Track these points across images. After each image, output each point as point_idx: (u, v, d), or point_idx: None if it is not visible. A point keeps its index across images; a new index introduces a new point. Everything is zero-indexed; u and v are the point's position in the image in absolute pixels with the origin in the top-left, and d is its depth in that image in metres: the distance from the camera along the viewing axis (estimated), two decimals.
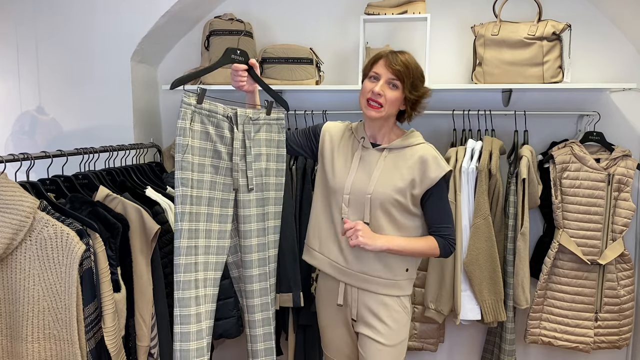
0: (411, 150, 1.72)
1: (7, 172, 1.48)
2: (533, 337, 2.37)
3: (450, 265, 2.27)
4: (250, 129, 1.71)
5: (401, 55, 1.66)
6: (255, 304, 1.79)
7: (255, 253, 1.76)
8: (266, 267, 1.78)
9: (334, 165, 1.78)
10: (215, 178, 1.65)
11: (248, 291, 1.78)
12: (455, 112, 2.44)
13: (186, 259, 1.58)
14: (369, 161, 1.74)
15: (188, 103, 1.57)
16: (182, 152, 1.57)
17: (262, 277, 1.78)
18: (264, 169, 1.77)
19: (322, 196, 1.82)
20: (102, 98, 2.48)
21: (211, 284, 1.67)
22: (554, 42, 2.25)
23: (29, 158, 1.61)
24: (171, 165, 2.59)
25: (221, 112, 1.65)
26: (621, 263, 2.30)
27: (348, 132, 1.83)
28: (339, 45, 2.63)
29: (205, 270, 1.65)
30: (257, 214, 1.75)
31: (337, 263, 1.75)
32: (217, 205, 1.66)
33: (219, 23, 2.45)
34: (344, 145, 1.80)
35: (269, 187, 1.79)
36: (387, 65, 1.64)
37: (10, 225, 1.38)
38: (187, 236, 1.58)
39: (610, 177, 2.26)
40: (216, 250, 1.67)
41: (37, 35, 2.48)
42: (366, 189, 1.70)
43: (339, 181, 1.75)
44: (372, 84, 1.67)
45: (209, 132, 1.63)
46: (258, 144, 1.75)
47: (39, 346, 1.44)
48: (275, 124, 1.80)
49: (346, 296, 1.78)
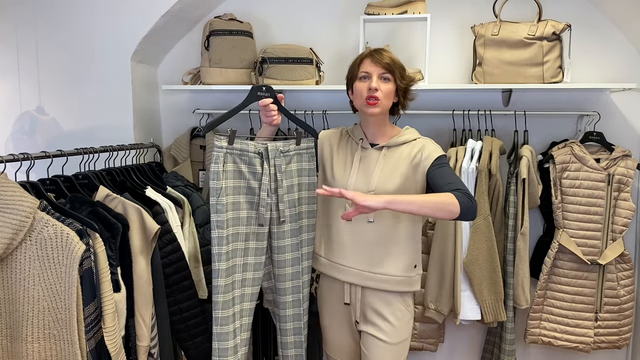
0: (408, 146, 1.76)
1: (7, 172, 1.48)
2: (533, 337, 2.37)
3: (450, 265, 2.27)
4: (281, 161, 1.75)
5: (382, 51, 1.71)
6: (287, 327, 1.84)
7: (289, 281, 1.81)
8: (300, 293, 1.83)
9: (334, 169, 1.81)
10: (250, 213, 1.72)
11: (281, 316, 1.84)
12: (455, 112, 2.44)
13: (224, 297, 1.67)
14: (369, 160, 1.77)
15: (220, 146, 1.64)
16: (217, 196, 1.63)
17: (296, 304, 1.83)
18: (297, 199, 1.81)
19: (325, 202, 1.84)
20: (102, 98, 2.48)
21: (247, 314, 1.76)
22: (554, 42, 2.25)
23: (29, 158, 1.61)
24: (171, 165, 2.59)
25: (252, 149, 1.71)
26: (621, 263, 2.30)
27: (345, 135, 1.87)
28: (339, 45, 2.63)
29: (242, 302, 1.74)
30: (291, 244, 1.80)
31: (345, 265, 1.77)
32: (254, 239, 1.74)
33: (219, 23, 2.45)
34: (343, 148, 1.84)
35: (302, 215, 1.84)
36: (375, 62, 1.68)
37: (10, 225, 1.38)
38: (224, 275, 1.66)
39: (610, 177, 2.26)
40: (252, 282, 1.76)
41: (37, 36, 2.48)
42: (368, 187, 1.73)
43: (340, 183, 1.77)
44: (365, 83, 1.70)
45: (242, 170, 1.70)
46: (290, 175, 1.80)
47: (39, 346, 1.44)
48: (305, 153, 1.85)
49: (350, 296, 1.79)
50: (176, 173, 2.36)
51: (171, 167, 2.58)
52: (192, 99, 2.75)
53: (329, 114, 2.52)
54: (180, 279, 1.91)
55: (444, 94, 2.55)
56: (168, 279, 1.88)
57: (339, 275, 1.78)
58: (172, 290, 1.89)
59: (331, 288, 1.84)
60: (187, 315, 1.93)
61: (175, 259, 1.90)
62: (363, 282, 1.75)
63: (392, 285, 1.75)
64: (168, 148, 2.63)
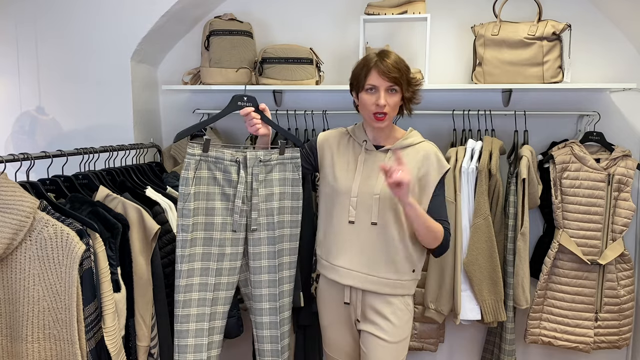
0: (414, 149, 1.76)
1: (7, 172, 1.48)
2: (533, 337, 2.37)
3: (450, 265, 2.27)
4: (259, 170, 1.76)
5: (389, 60, 1.66)
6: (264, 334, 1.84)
7: (265, 288, 1.81)
8: (276, 302, 1.82)
9: (335, 170, 1.79)
10: (226, 220, 1.74)
11: (257, 323, 1.84)
12: (455, 112, 2.44)
13: (184, 296, 1.70)
14: (373, 163, 1.75)
15: (192, 154, 1.68)
16: (184, 201, 1.67)
17: (272, 312, 1.83)
18: (277, 207, 1.81)
19: (327, 204, 1.82)
20: (102, 98, 2.48)
21: (220, 317, 1.77)
22: (554, 42, 2.25)
23: (29, 158, 1.61)
24: (171, 165, 2.59)
25: (228, 157, 1.73)
26: (621, 263, 2.30)
27: (345, 136, 1.85)
28: (339, 45, 2.63)
29: (215, 305, 1.75)
30: (267, 251, 1.80)
31: (345, 268, 1.76)
32: (229, 244, 1.75)
33: (219, 23, 2.45)
34: (344, 150, 1.82)
35: (283, 224, 1.83)
36: (382, 74, 1.64)
37: (10, 225, 1.38)
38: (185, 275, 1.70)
39: (610, 177, 2.26)
40: (226, 287, 1.77)
41: (37, 36, 2.48)
42: (373, 189, 1.71)
43: (344, 185, 1.75)
44: (372, 97, 1.68)
45: (217, 177, 1.72)
46: (270, 184, 1.80)
47: (39, 346, 1.44)
48: (290, 162, 1.83)
49: (350, 296, 1.79)
50: (176, 173, 2.36)
51: (171, 167, 2.58)
52: (192, 99, 2.75)
53: (329, 114, 2.52)
54: None
55: (444, 94, 2.55)
56: (168, 279, 1.88)
57: (339, 279, 1.77)
58: (172, 290, 1.89)
59: (331, 288, 1.83)
60: None
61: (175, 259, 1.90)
62: (363, 285, 1.74)
63: (391, 289, 1.74)
64: (168, 148, 2.63)
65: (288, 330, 1.89)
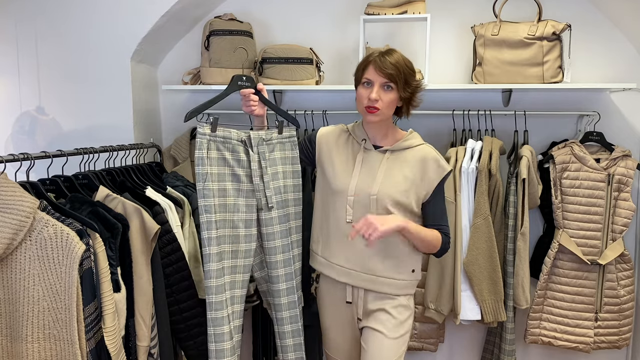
0: (412, 152, 1.75)
1: (7, 172, 1.48)
2: (533, 337, 2.37)
3: (450, 265, 2.27)
4: (264, 149, 1.77)
5: (389, 57, 1.65)
6: (284, 316, 1.85)
7: (281, 269, 1.82)
8: (293, 280, 1.84)
9: (334, 167, 1.79)
10: (237, 201, 1.73)
11: (277, 304, 1.84)
12: (455, 112, 2.44)
13: (217, 281, 1.67)
14: (371, 162, 1.75)
15: (203, 133, 1.66)
16: (203, 181, 1.66)
17: (290, 291, 1.84)
18: (282, 186, 1.83)
19: (323, 201, 1.83)
20: (102, 98, 2.48)
21: (239, 300, 1.76)
22: (554, 42, 2.25)
23: (29, 158, 1.61)
24: (171, 165, 2.59)
25: (235, 137, 1.72)
26: (621, 263, 2.30)
27: (345, 134, 1.84)
28: (339, 45, 2.63)
29: (233, 289, 1.74)
30: (280, 230, 1.81)
31: (342, 266, 1.76)
32: (242, 226, 1.75)
33: (219, 23, 2.45)
34: (343, 147, 1.81)
35: (288, 203, 1.85)
36: (378, 70, 1.65)
37: (10, 225, 1.38)
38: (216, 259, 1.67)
39: (610, 177, 2.26)
40: (243, 270, 1.77)
41: (37, 35, 2.48)
42: (370, 190, 1.71)
43: (341, 183, 1.75)
44: (366, 91, 1.68)
45: (226, 157, 1.71)
46: (274, 163, 1.81)
47: (39, 346, 1.44)
48: (288, 141, 1.86)
49: (352, 294, 1.79)
50: (176, 173, 2.36)
51: (171, 167, 2.58)
52: (192, 99, 2.75)
53: (329, 114, 2.52)
54: (180, 279, 1.91)
55: (444, 94, 2.55)
56: (168, 279, 1.88)
57: (336, 276, 1.77)
58: (172, 290, 1.89)
59: (332, 288, 1.82)
60: (187, 315, 1.93)
61: (175, 259, 1.90)
62: (360, 284, 1.75)
63: (390, 288, 1.74)
64: (168, 148, 2.63)
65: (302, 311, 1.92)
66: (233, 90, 1.79)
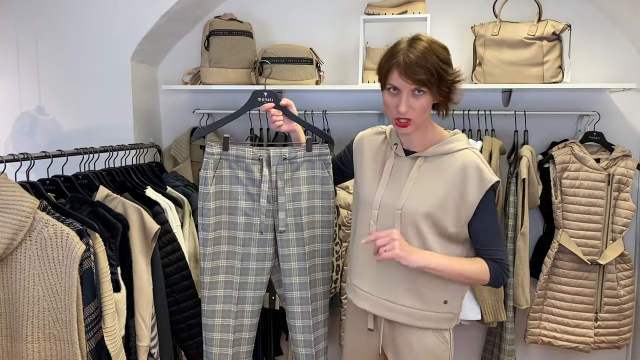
0: (451, 158, 1.44)
1: (7, 172, 1.48)
2: (533, 337, 2.37)
3: None
4: (284, 168, 1.70)
5: (416, 54, 1.36)
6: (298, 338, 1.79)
7: (296, 291, 1.76)
8: (308, 305, 1.75)
9: (362, 175, 1.58)
10: (250, 220, 1.72)
11: (291, 325, 1.81)
12: (455, 112, 2.44)
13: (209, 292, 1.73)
14: (400, 172, 1.49)
15: (211, 153, 1.67)
16: (203, 200, 1.67)
17: (305, 315, 1.77)
18: (305, 207, 1.73)
19: (354, 214, 1.63)
20: (102, 98, 2.48)
21: (248, 315, 1.78)
22: (554, 42, 2.25)
23: (29, 158, 1.61)
24: (171, 165, 2.59)
25: (249, 155, 1.70)
26: (621, 263, 2.30)
27: (379, 136, 1.60)
28: (339, 45, 2.63)
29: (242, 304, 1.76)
30: (297, 253, 1.73)
31: (361, 288, 1.54)
32: (255, 245, 1.73)
33: (219, 23, 2.45)
34: (375, 152, 1.58)
35: (314, 225, 1.75)
36: (404, 75, 1.36)
37: (10, 225, 1.38)
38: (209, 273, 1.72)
39: (610, 177, 2.26)
40: (253, 287, 1.76)
41: (37, 35, 2.48)
42: (396, 203, 1.46)
43: (367, 195, 1.53)
44: (393, 99, 1.41)
45: (239, 176, 1.70)
46: (297, 183, 1.73)
47: (39, 346, 1.44)
48: (318, 159, 1.73)
49: (375, 322, 1.57)
50: (176, 173, 2.36)
51: (171, 167, 2.58)
52: (192, 99, 2.75)
53: (329, 114, 2.52)
54: (180, 279, 1.91)
55: None
56: (168, 278, 1.88)
57: (356, 300, 1.56)
58: (172, 290, 1.89)
59: (356, 313, 1.63)
60: (187, 315, 1.93)
61: (175, 259, 1.90)
62: (378, 312, 1.51)
63: (413, 320, 1.48)
64: (168, 148, 2.63)
65: (323, 334, 1.81)
66: (252, 106, 1.71)
